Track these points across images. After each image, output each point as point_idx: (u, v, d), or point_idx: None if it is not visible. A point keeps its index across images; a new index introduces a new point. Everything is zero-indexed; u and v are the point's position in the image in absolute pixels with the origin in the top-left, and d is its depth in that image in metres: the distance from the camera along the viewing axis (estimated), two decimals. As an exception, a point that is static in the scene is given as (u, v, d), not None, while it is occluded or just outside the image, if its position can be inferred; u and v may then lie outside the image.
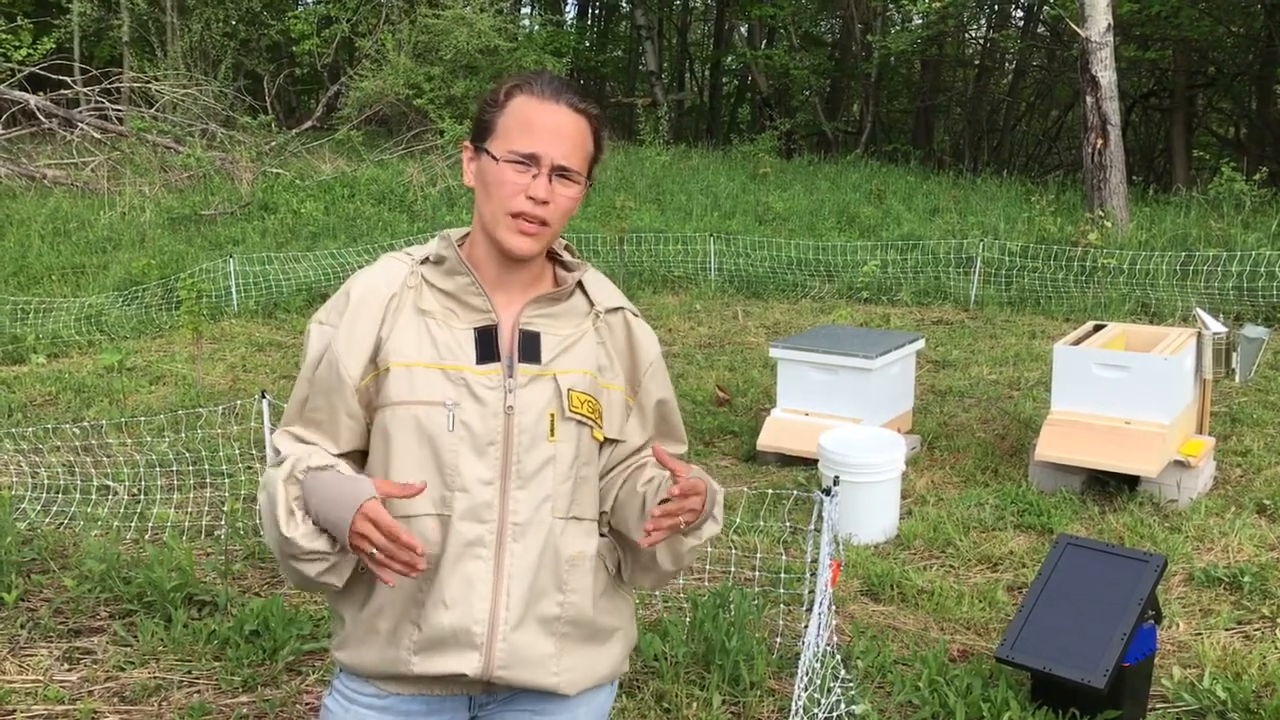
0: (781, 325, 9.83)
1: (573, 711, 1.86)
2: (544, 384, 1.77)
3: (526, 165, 1.72)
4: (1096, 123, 12.66)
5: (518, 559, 1.74)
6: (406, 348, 1.74)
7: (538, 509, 1.75)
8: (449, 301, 1.78)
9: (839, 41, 27.51)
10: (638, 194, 15.26)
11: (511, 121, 1.73)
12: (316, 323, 1.80)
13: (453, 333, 1.76)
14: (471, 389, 1.73)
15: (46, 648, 3.99)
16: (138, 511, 5.27)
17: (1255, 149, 21.21)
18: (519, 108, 1.74)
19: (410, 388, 1.73)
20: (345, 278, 10.88)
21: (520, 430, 1.74)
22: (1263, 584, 4.44)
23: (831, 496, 3.50)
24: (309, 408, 1.79)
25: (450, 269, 1.79)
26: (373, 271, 1.81)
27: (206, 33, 19.85)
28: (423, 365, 1.73)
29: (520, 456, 1.74)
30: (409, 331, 1.75)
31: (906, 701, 3.59)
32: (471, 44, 17.87)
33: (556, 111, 1.73)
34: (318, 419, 1.78)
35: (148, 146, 15.89)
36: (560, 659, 1.79)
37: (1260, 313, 9.52)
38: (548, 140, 1.72)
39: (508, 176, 1.72)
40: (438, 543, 1.74)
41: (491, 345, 1.76)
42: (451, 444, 1.72)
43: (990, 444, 6.34)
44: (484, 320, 1.77)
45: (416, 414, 1.73)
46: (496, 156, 1.73)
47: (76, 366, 8.26)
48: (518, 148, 1.72)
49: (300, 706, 3.62)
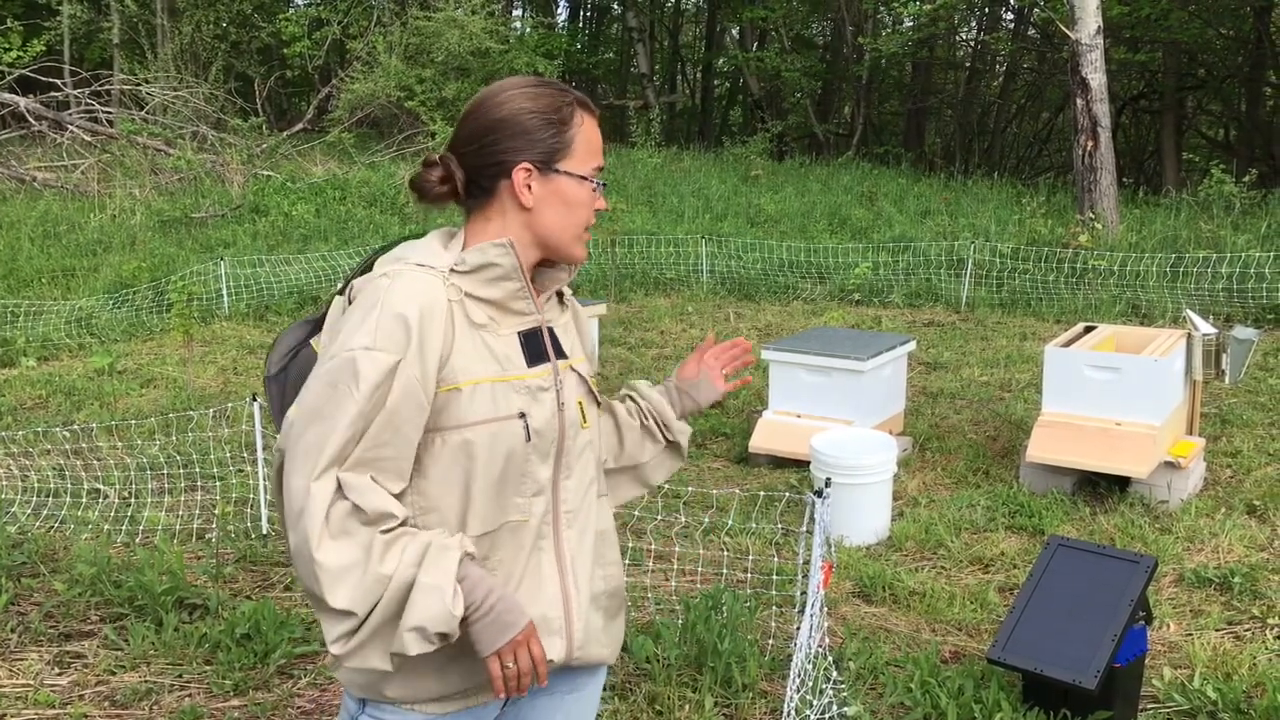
0: (773, 327, 9.84)
1: (598, 681, 1.98)
2: (571, 375, 1.86)
3: (600, 184, 1.83)
4: (1087, 125, 12.70)
5: (574, 543, 1.83)
6: (471, 364, 1.71)
7: (585, 494, 1.85)
8: (492, 310, 1.77)
9: (830, 44, 27.57)
10: (630, 196, 15.26)
11: (583, 141, 1.80)
12: (364, 350, 1.62)
13: (503, 341, 1.77)
14: (534, 395, 1.76)
15: (37, 652, 3.98)
16: (128, 515, 5.26)
17: (1245, 151, 21.30)
18: (588, 127, 1.81)
19: (489, 405, 1.71)
20: (336, 280, 10.88)
21: (569, 423, 1.82)
22: (1253, 584, 4.45)
23: (823, 498, 3.50)
24: (369, 445, 1.62)
25: (502, 275, 1.76)
26: (415, 288, 1.68)
27: (197, 35, 19.83)
28: (490, 380, 1.72)
29: (568, 448, 1.82)
30: (468, 347, 1.72)
31: (898, 703, 3.59)
32: (463, 46, 17.88)
33: (597, 125, 1.85)
34: (380, 455, 1.64)
35: (138, 149, 15.85)
36: (608, 631, 1.91)
37: (1250, 314, 9.56)
38: (602, 156, 1.85)
39: (588, 195, 1.81)
40: (509, 548, 1.76)
41: (539, 346, 1.80)
42: (527, 453, 1.75)
43: (981, 445, 6.35)
44: (530, 323, 1.80)
45: (496, 430, 1.72)
46: (585, 177, 1.80)
47: (67, 369, 8.24)
48: (597, 166, 1.82)
49: (292, 710, 3.61)
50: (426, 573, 1.59)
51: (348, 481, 1.61)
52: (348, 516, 1.60)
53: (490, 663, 1.64)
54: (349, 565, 1.58)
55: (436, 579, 1.59)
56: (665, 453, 2.13)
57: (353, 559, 1.58)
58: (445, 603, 1.59)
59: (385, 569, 1.58)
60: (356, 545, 1.59)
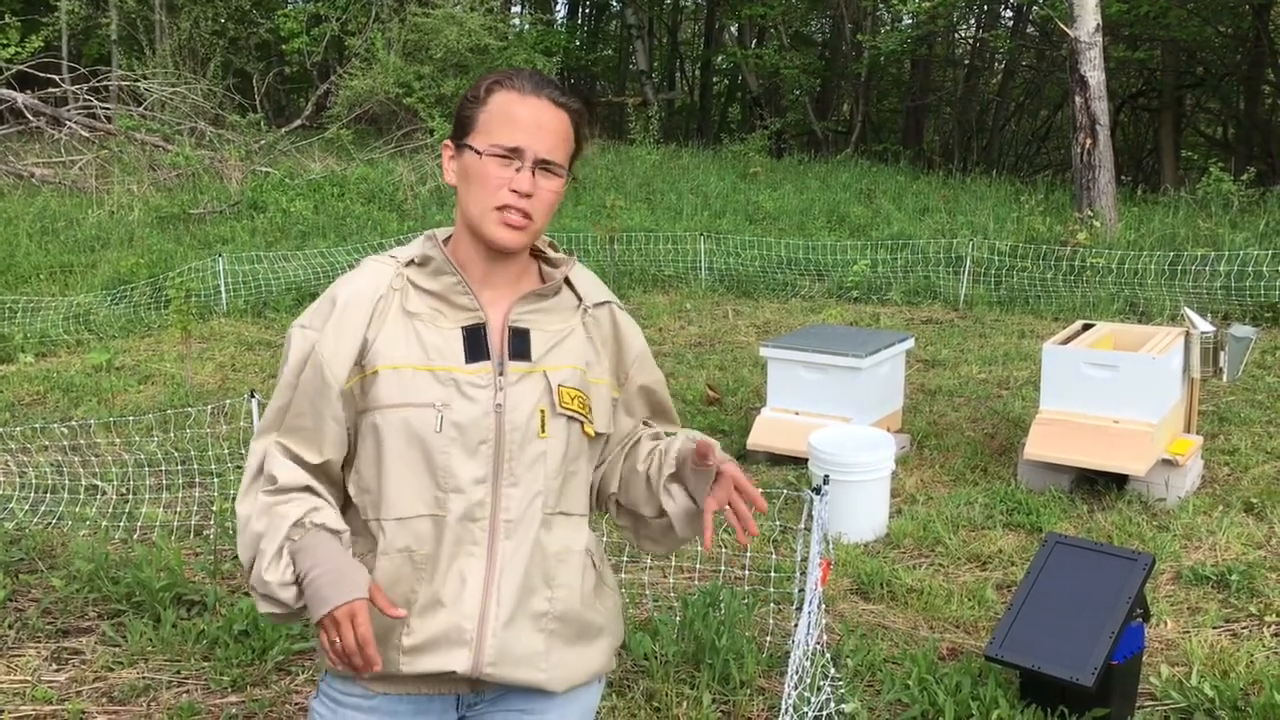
0: (772, 324, 9.84)
1: (561, 709, 1.86)
2: (534, 380, 1.78)
3: (509, 159, 1.73)
4: (1085, 123, 12.69)
5: (509, 555, 1.75)
6: (394, 350, 1.74)
7: (529, 505, 1.77)
8: (435, 302, 1.78)
9: (829, 41, 27.55)
10: (628, 193, 15.26)
11: (493, 117, 1.74)
12: (298, 327, 1.78)
13: (440, 333, 1.76)
14: (461, 389, 1.74)
15: (35, 648, 3.98)
16: (126, 511, 5.26)
17: (1243, 149, 21.30)
18: (500, 103, 1.75)
19: (399, 390, 1.73)
20: (335, 277, 10.88)
21: (512, 428, 1.75)
22: (1250, 582, 4.46)
23: (821, 495, 3.50)
24: (291, 414, 1.77)
25: (436, 269, 1.79)
26: (357, 275, 1.80)
27: (195, 31, 19.79)
28: (411, 367, 1.74)
29: (512, 454, 1.75)
30: (396, 334, 1.75)
31: (896, 700, 3.60)
32: (462, 43, 17.85)
33: (538, 106, 1.75)
34: (300, 425, 1.76)
35: (136, 145, 15.83)
36: (549, 656, 1.80)
37: (1248, 312, 9.56)
38: (530, 134, 1.73)
39: (491, 170, 1.73)
40: (432, 542, 1.74)
41: (480, 343, 1.76)
42: (442, 445, 1.73)
43: (979, 443, 6.36)
44: (472, 319, 1.78)
45: (406, 416, 1.73)
46: (480, 150, 1.74)
47: (65, 366, 8.23)
48: (500, 141, 1.73)
49: (289, 706, 3.62)
50: (264, 538, 1.71)
51: (268, 447, 1.77)
52: (257, 478, 1.77)
53: (319, 632, 1.68)
54: (243, 521, 1.75)
55: (265, 544, 1.70)
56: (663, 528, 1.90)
57: (245, 516, 1.75)
58: (262, 565, 1.69)
59: (257, 527, 1.72)
60: (250, 504, 1.75)
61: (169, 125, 16.90)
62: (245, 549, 1.73)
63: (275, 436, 1.78)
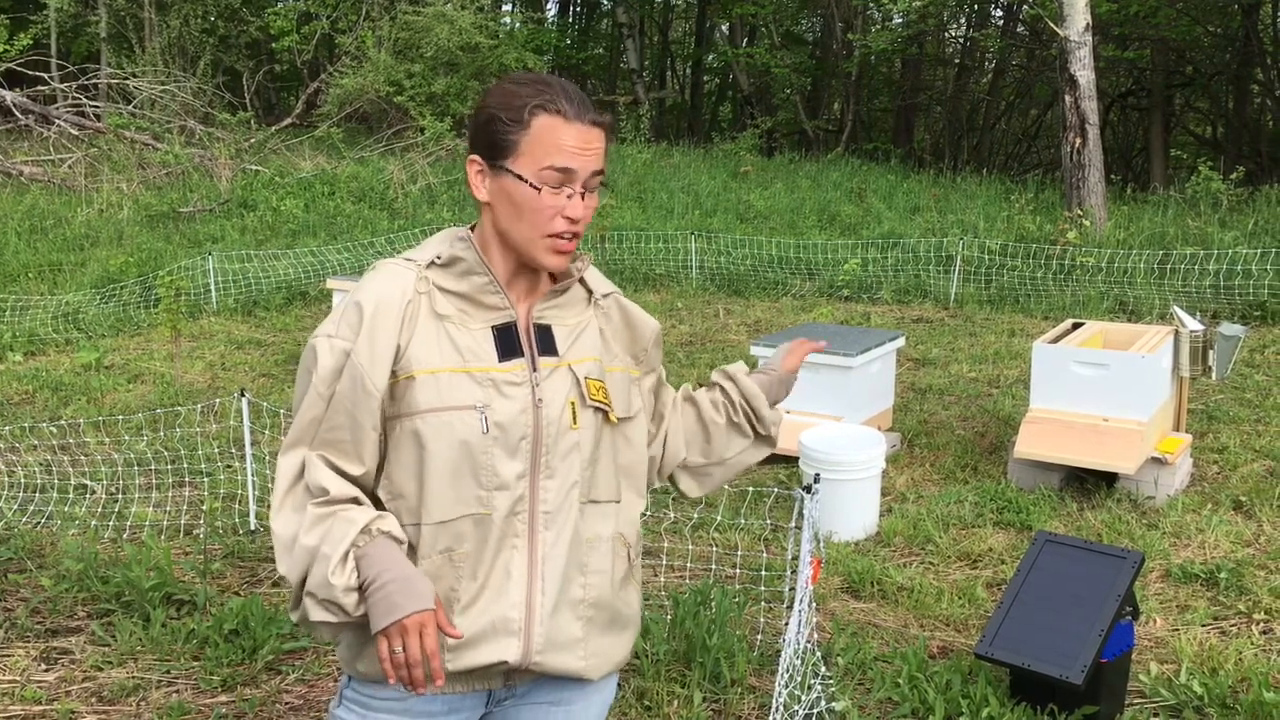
0: (763, 323, 9.85)
1: (589, 698, 1.91)
2: (563, 374, 1.81)
3: (561, 188, 1.74)
4: (1075, 122, 12.73)
5: (550, 545, 1.79)
6: (429, 355, 1.74)
7: (565, 496, 1.80)
8: (462, 303, 1.78)
9: (820, 40, 27.58)
10: (619, 192, 15.25)
11: (537, 144, 1.72)
12: (324, 337, 1.74)
13: (471, 334, 1.77)
14: (499, 388, 1.75)
15: (24, 648, 3.96)
16: (116, 510, 5.24)
17: (1232, 148, 21.38)
18: (545, 129, 1.72)
19: (439, 394, 1.72)
20: (325, 275, 10.86)
21: (548, 422, 1.78)
22: (1239, 580, 4.48)
23: (812, 494, 3.51)
24: (325, 426, 1.73)
25: (467, 269, 1.78)
26: (380, 280, 1.77)
27: (185, 29, 19.74)
28: (448, 370, 1.74)
29: (549, 447, 1.78)
30: (429, 337, 1.74)
31: (886, 698, 3.61)
32: (452, 41, 17.83)
33: (582, 131, 1.74)
34: (338, 438, 1.73)
35: (125, 143, 15.78)
36: (587, 643, 1.84)
37: (1237, 310, 9.60)
38: (580, 159, 1.74)
39: (545, 201, 1.73)
40: (473, 540, 1.75)
41: (513, 341, 1.78)
42: (486, 446, 1.74)
43: (970, 441, 6.37)
44: (503, 318, 1.79)
45: (449, 420, 1.72)
46: (527, 179, 1.73)
47: (54, 365, 8.21)
48: (552, 168, 1.72)
49: (280, 706, 3.61)
50: (326, 543, 1.67)
51: (308, 460, 1.73)
52: (300, 492, 1.73)
53: (379, 641, 1.65)
54: (290, 536, 1.70)
55: (328, 549, 1.66)
56: (754, 445, 2.10)
57: (292, 530, 1.70)
58: (327, 570, 1.65)
59: (309, 541, 1.68)
60: (297, 518, 1.71)
61: (158, 123, 16.85)
62: (296, 562, 1.69)
63: (310, 449, 1.74)
